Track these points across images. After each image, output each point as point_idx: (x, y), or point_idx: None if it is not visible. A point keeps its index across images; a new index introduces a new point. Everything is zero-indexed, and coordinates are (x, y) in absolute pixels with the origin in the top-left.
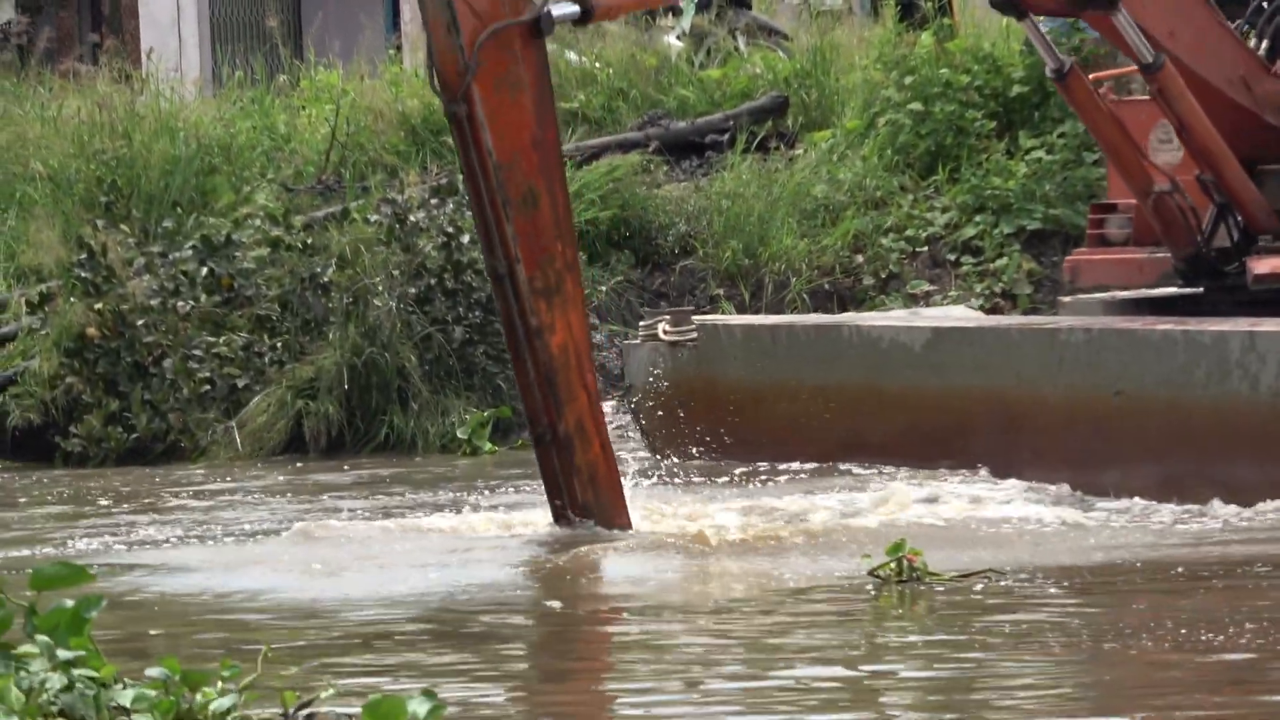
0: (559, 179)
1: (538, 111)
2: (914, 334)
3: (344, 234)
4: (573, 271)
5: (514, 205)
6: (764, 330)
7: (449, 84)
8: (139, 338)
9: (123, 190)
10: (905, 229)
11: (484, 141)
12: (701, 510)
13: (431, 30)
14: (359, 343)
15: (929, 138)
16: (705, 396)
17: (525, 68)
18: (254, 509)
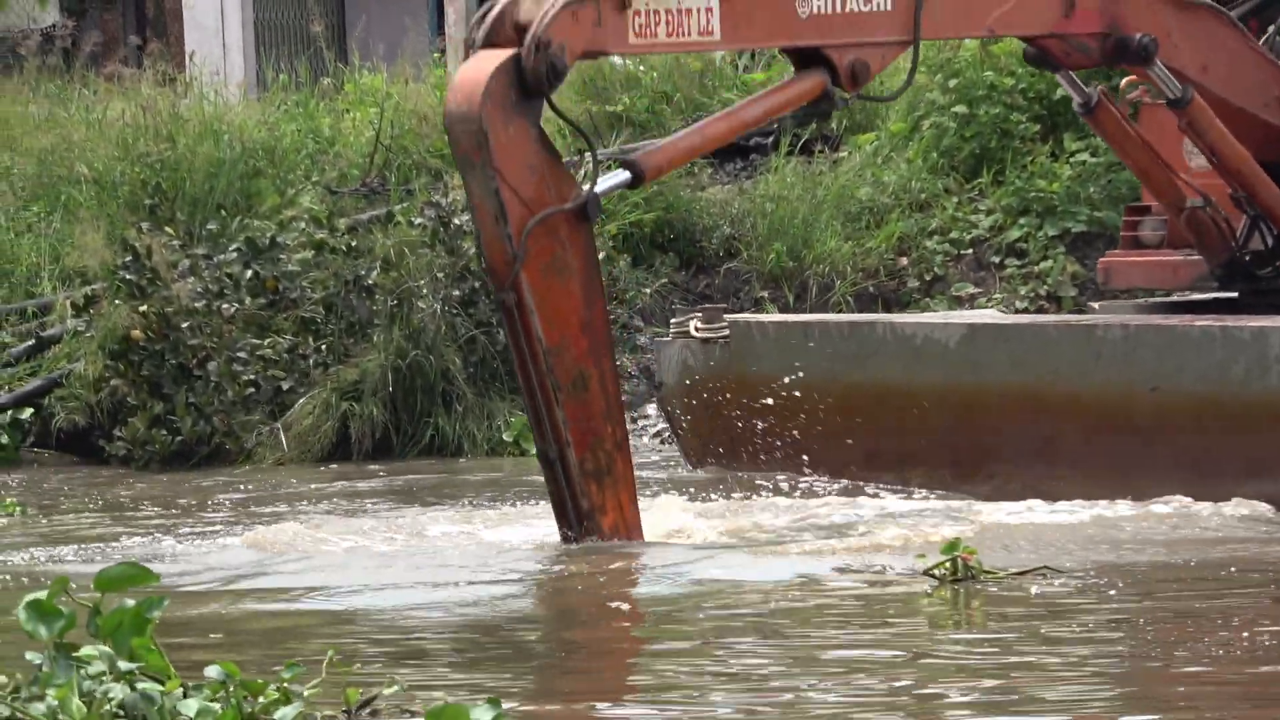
0: (608, 358)
1: (586, 294)
2: (949, 331)
3: (388, 237)
4: (622, 451)
5: (564, 390)
6: (796, 328)
7: (497, 272)
8: (183, 340)
9: (167, 193)
10: (950, 231)
11: (533, 328)
12: (746, 518)
13: (479, 219)
14: (403, 345)
15: (974, 140)
16: (737, 393)
17: (573, 252)
18: (277, 516)
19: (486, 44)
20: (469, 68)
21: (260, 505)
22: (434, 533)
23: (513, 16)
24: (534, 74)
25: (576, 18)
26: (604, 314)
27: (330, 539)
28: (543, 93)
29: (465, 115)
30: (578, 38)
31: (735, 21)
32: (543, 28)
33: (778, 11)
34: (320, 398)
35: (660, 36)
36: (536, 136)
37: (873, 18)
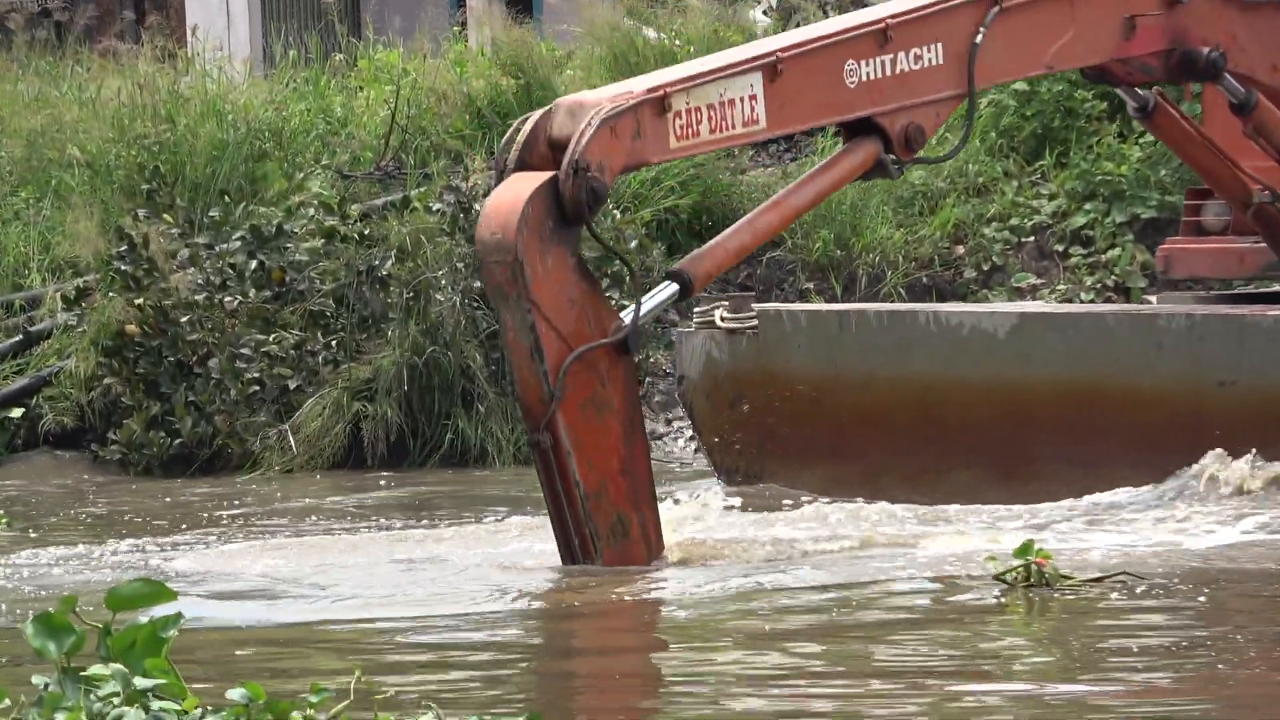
0: (649, 502)
1: (626, 433)
2: (997, 320)
3: (404, 224)
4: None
5: (603, 536)
6: (831, 317)
7: (532, 412)
8: (182, 335)
9: (166, 177)
10: (1010, 218)
11: (570, 471)
12: (785, 529)
13: (512, 355)
14: (420, 341)
15: (1035, 119)
16: (765, 389)
17: (613, 388)
18: (260, 532)
19: (520, 165)
20: (502, 193)
21: (262, 519)
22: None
23: (546, 133)
24: (573, 201)
25: (615, 132)
26: (646, 453)
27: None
28: (582, 220)
29: (500, 245)
30: (617, 154)
31: (781, 103)
32: (580, 149)
33: (825, 85)
34: (330, 398)
35: (704, 134)
36: (575, 266)
37: (925, 75)
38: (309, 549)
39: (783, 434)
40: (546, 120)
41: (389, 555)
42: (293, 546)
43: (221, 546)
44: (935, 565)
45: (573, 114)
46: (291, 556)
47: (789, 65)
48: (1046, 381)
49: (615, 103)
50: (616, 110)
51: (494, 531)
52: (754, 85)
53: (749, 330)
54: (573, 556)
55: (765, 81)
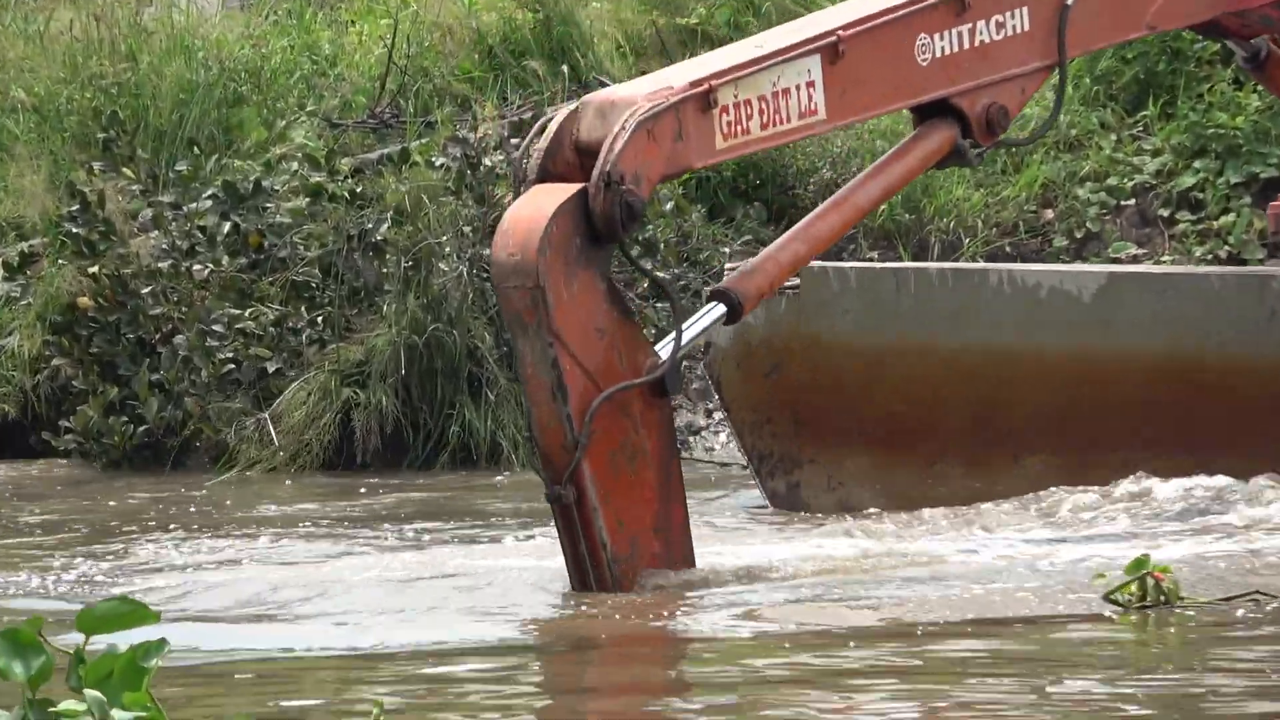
0: (686, 562)
1: (661, 486)
2: (1082, 280)
3: (402, 181)
4: None
5: None
6: (886, 276)
7: (553, 462)
8: (144, 309)
9: (125, 125)
10: (1107, 177)
11: (596, 531)
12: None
13: (531, 394)
14: (420, 317)
15: (1137, 63)
16: (806, 359)
17: (647, 433)
18: (240, 545)
19: (542, 174)
20: (522, 207)
21: (238, 527)
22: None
23: (573, 136)
24: (604, 218)
25: (653, 136)
26: (684, 510)
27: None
28: (615, 238)
29: (519, 268)
30: (656, 161)
31: (843, 88)
32: (613, 158)
33: (894, 65)
34: (316, 383)
35: (754, 131)
36: (606, 292)
37: (1008, 46)
38: (298, 565)
39: (825, 412)
40: (573, 121)
41: (389, 572)
42: (280, 561)
43: (200, 560)
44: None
45: (603, 114)
46: (282, 573)
47: (851, 44)
48: (1138, 354)
49: (653, 100)
50: (654, 110)
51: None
52: (811, 70)
53: (789, 290)
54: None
55: (824, 65)
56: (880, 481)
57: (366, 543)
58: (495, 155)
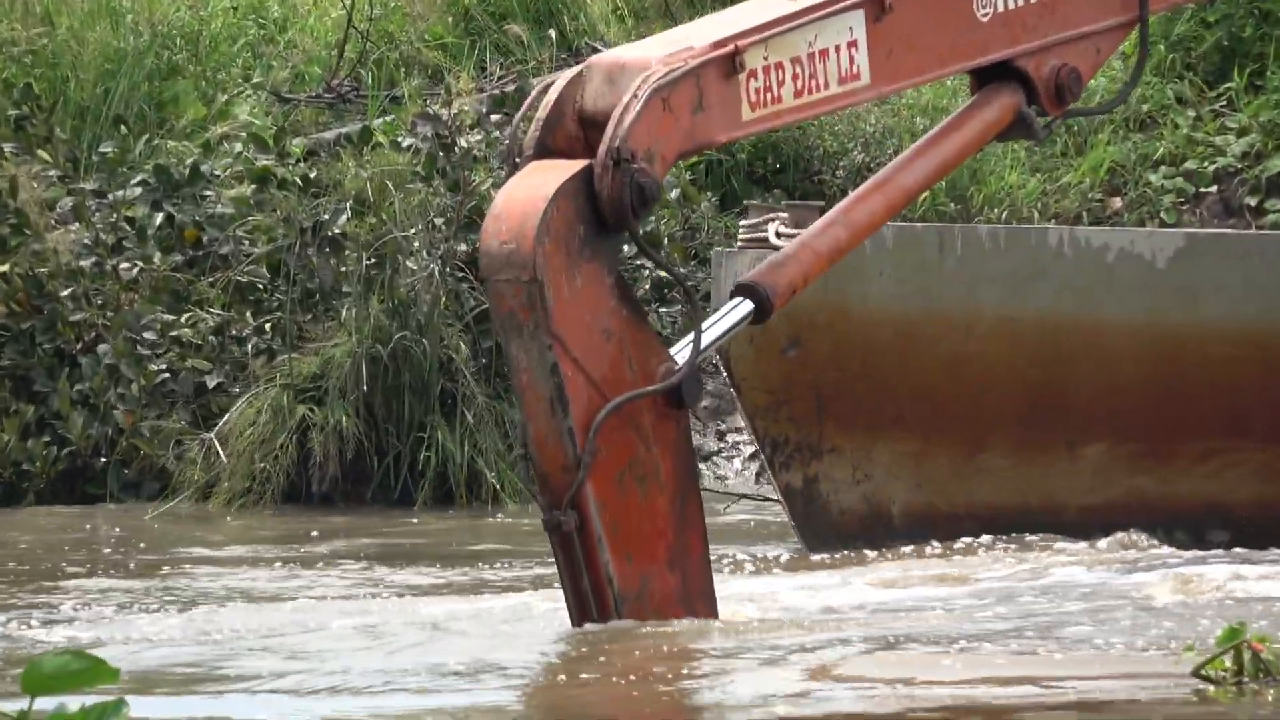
0: (705, 604)
1: (676, 513)
2: (1156, 244)
3: (363, 165)
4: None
5: None
6: (928, 236)
7: (551, 483)
8: (63, 315)
9: (41, 100)
10: (1184, 160)
11: (601, 564)
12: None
13: (526, 406)
14: (385, 324)
15: (1219, 27)
16: (832, 332)
17: (660, 451)
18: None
19: (540, 149)
20: (517, 188)
21: (181, 570)
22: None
23: (576, 105)
24: (612, 201)
25: (669, 106)
26: (703, 542)
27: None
28: (625, 226)
29: (512, 259)
30: (672, 136)
31: (890, 49)
32: (623, 131)
33: (948, 21)
34: (265, 399)
35: (786, 99)
36: (613, 287)
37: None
38: (255, 613)
39: (852, 393)
40: (576, 87)
41: (361, 621)
42: (235, 611)
43: (139, 609)
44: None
45: (612, 80)
46: (238, 622)
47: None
48: (1218, 326)
49: (669, 64)
50: (671, 75)
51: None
52: (853, 28)
53: None
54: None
55: (869, 21)
56: (914, 474)
57: (329, 585)
58: (472, 135)
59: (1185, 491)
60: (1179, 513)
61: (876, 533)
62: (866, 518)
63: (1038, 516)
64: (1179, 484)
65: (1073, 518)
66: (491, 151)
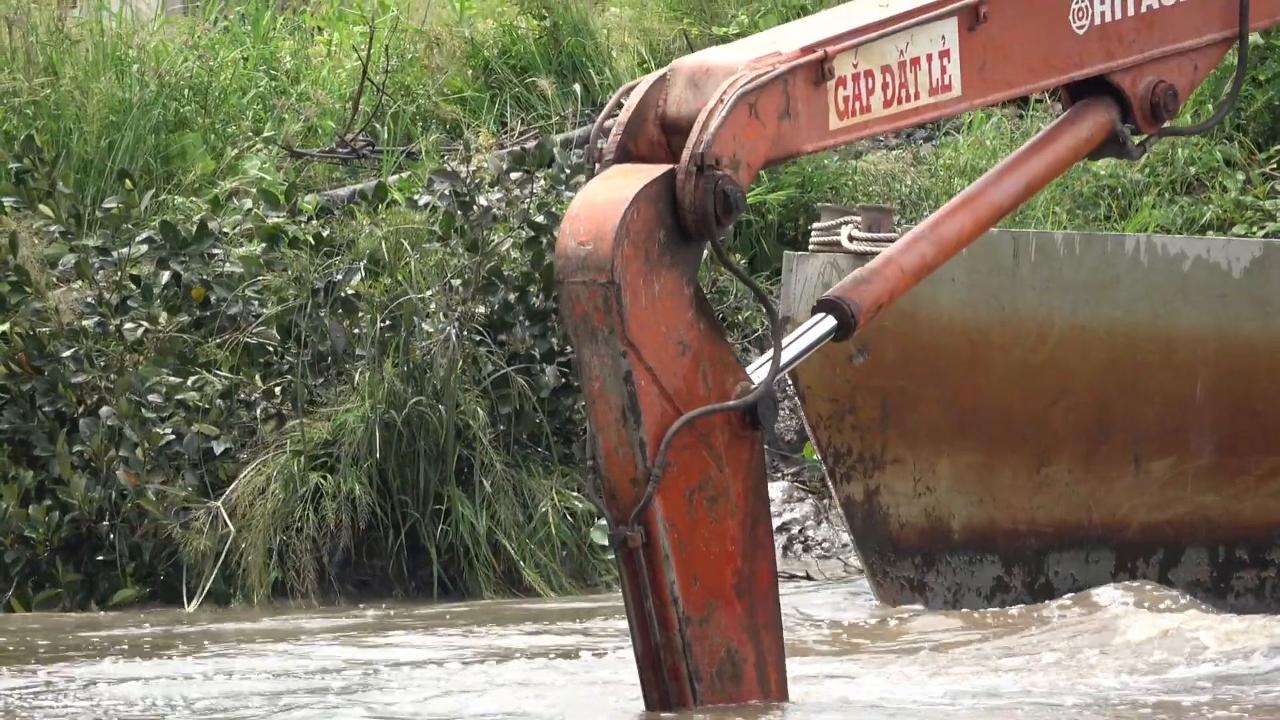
0: (771, 630)
1: (747, 538)
2: (1233, 252)
3: (378, 224)
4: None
5: (705, 679)
6: (1003, 242)
7: (619, 496)
8: (65, 377)
9: (43, 153)
10: (1232, 225)
11: (667, 584)
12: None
13: (596, 415)
14: (399, 388)
15: (1270, 87)
16: (902, 337)
17: (732, 474)
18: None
19: (621, 153)
20: (597, 190)
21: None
22: None
23: (659, 110)
24: (695, 208)
25: (756, 113)
26: (773, 571)
27: None
28: (708, 235)
29: (590, 260)
30: (758, 143)
31: (984, 60)
32: (709, 137)
33: (1045, 33)
34: (276, 465)
35: (875, 109)
36: (692, 298)
37: (1180, 13)
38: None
39: (919, 402)
40: (659, 92)
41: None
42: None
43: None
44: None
45: (696, 84)
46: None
47: (996, 7)
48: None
49: (757, 69)
50: (759, 81)
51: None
52: (946, 37)
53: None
54: (663, 700)
55: (962, 30)
56: (976, 488)
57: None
58: (491, 193)
59: (1250, 510)
60: (1243, 531)
61: (936, 548)
62: (926, 532)
63: (1099, 532)
64: (1244, 501)
65: (1134, 536)
66: (512, 210)
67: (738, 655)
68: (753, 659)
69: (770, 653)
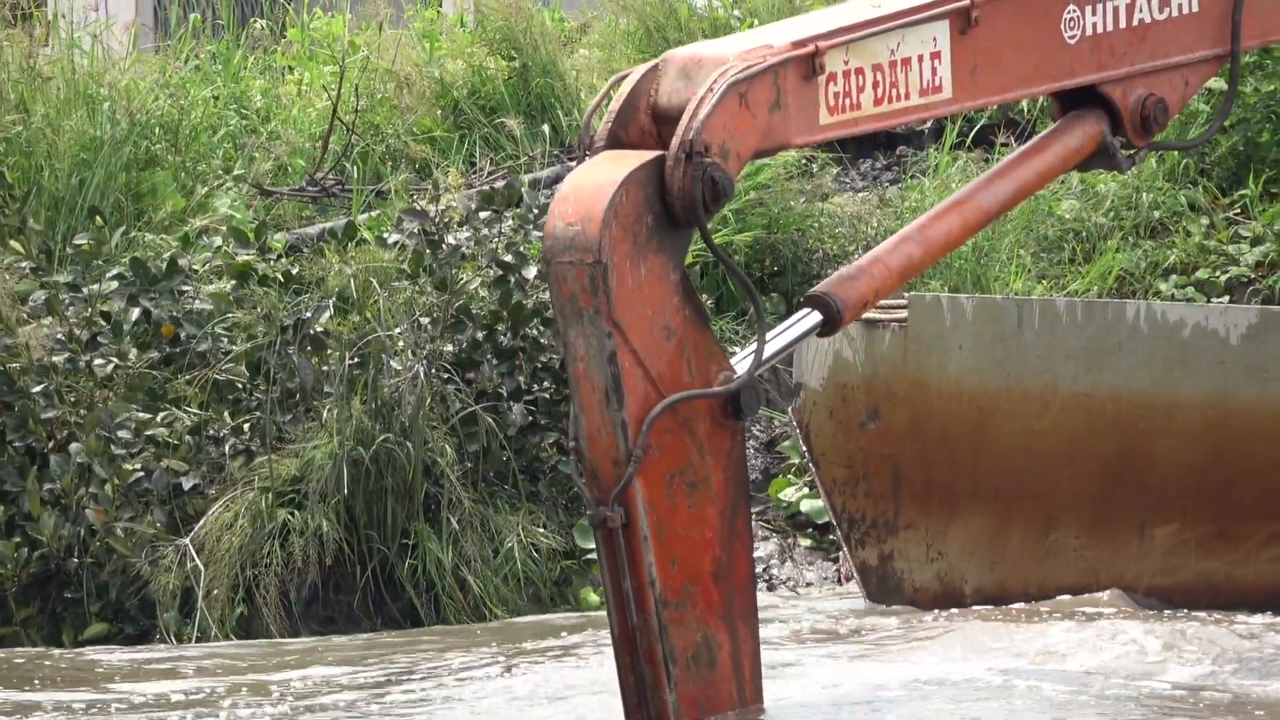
0: (747, 620)
1: (725, 526)
2: (1230, 319)
3: (347, 262)
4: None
5: (680, 663)
6: (1007, 309)
7: (600, 476)
8: (35, 412)
9: (14, 189)
10: (1196, 269)
11: (644, 565)
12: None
13: (580, 395)
14: (367, 425)
15: (1235, 131)
16: (911, 405)
17: (713, 462)
18: None
19: (611, 140)
20: (586, 173)
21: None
22: None
23: (650, 99)
24: (683, 194)
25: (746, 103)
26: (750, 562)
27: None
28: (695, 221)
29: (578, 240)
30: (748, 133)
31: (975, 64)
32: (698, 125)
33: (1036, 40)
34: (244, 502)
35: (865, 106)
36: (678, 284)
37: (1172, 28)
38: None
39: (930, 468)
40: (650, 81)
41: None
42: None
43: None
44: None
45: (687, 74)
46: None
47: (987, 11)
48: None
49: (748, 60)
50: (750, 71)
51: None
52: (938, 39)
53: (896, 323)
54: (637, 687)
55: (953, 33)
56: (987, 553)
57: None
58: (460, 232)
59: (1252, 575)
60: (1244, 597)
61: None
62: (940, 596)
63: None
64: (1246, 567)
65: (1140, 600)
66: (480, 249)
67: (714, 642)
68: (728, 647)
69: (745, 642)
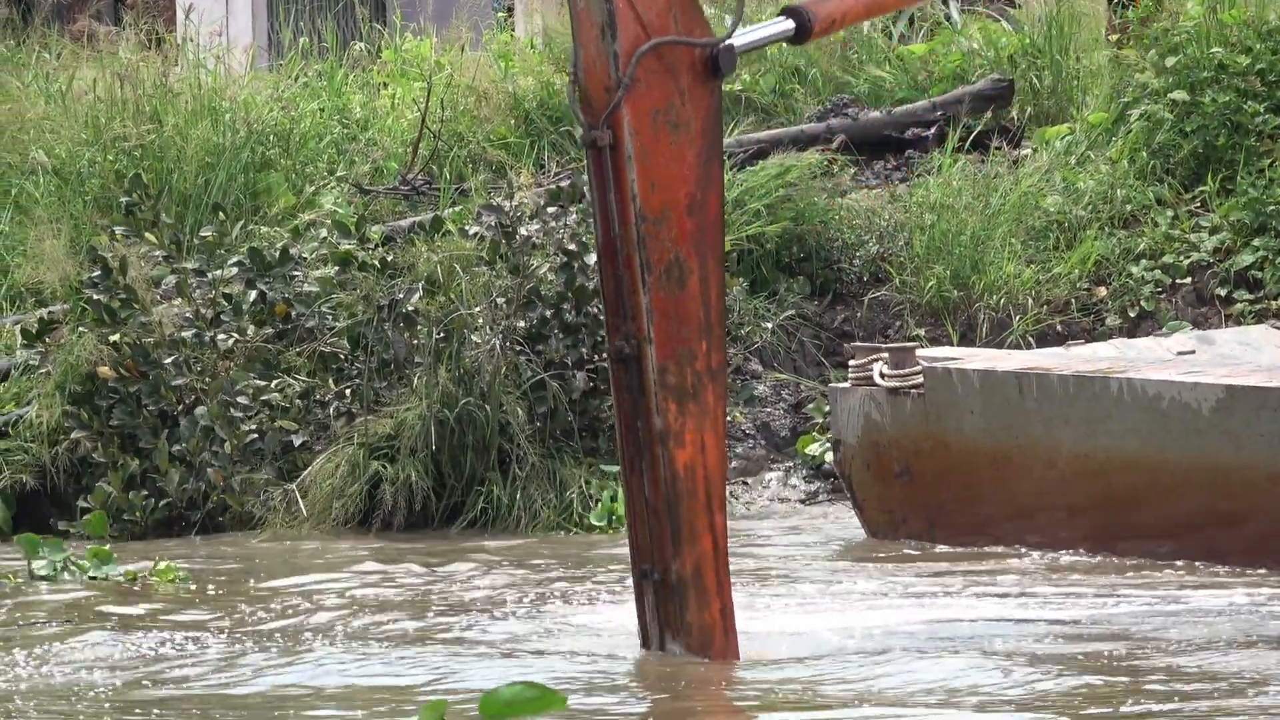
0: (715, 266)
1: (701, 171)
2: (1200, 393)
3: (434, 250)
4: (716, 382)
5: (654, 273)
6: (1008, 379)
7: (593, 101)
8: (166, 380)
9: (149, 189)
10: (1162, 254)
11: (627, 182)
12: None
13: (579, 30)
14: (451, 391)
15: (1196, 136)
16: (935, 459)
17: (693, 110)
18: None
19: None
20: None
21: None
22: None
23: None
24: None
25: None
26: (720, 208)
27: None
28: None
29: None
30: None
31: None
32: None
33: None
34: (344, 455)
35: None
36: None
37: None
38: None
39: (956, 513)
40: None
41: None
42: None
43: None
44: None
45: None
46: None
47: None
48: (1260, 469)
49: None
50: None
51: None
52: None
53: (914, 390)
54: (616, 287)
55: None
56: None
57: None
58: (531, 224)
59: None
60: None
61: None
62: None
63: None
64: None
65: None
66: (548, 239)
67: (685, 265)
68: (697, 273)
69: (713, 278)
